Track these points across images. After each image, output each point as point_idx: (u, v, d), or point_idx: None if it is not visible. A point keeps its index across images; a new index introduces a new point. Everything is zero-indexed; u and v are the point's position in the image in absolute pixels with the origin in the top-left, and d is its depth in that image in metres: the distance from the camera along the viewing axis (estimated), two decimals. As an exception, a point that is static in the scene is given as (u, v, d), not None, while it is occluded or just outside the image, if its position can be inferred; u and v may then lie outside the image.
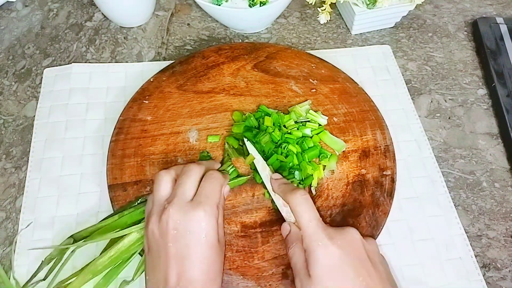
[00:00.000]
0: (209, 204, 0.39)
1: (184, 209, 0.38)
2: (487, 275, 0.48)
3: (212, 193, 0.41)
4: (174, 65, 0.58)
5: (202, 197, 0.40)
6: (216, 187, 0.42)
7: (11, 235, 0.48)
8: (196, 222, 0.38)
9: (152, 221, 0.39)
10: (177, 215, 0.38)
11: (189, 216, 0.38)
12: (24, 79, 0.61)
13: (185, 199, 0.40)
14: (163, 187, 0.42)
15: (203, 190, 0.41)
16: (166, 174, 0.42)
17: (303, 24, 0.70)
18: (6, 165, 0.53)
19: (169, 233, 0.38)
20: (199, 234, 0.38)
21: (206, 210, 0.39)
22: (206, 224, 0.38)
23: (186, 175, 0.42)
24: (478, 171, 0.55)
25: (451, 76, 0.64)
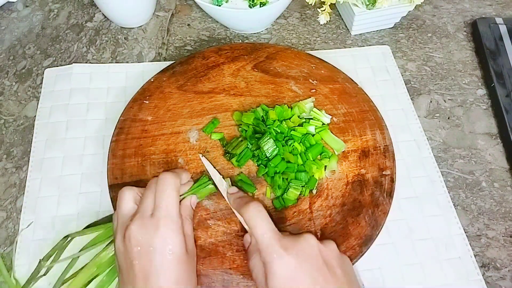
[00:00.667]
0: (169, 216, 0.38)
1: (145, 225, 0.38)
2: (487, 275, 0.48)
3: (169, 202, 0.39)
4: (174, 65, 0.58)
5: (160, 210, 0.39)
6: (170, 193, 0.40)
7: (12, 235, 0.48)
8: (159, 237, 0.37)
9: (117, 239, 0.39)
10: (139, 232, 0.37)
11: (150, 232, 0.37)
12: (25, 79, 0.61)
13: (147, 214, 0.39)
14: (124, 203, 0.41)
15: (158, 202, 0.39)
16: (127, 190, 0.41)
17: (303, 24, 0.70)
18: (7, 165, 0.53)
19: (133, 250, 0.37)
20: (162, 248, 0.37)
21: (166, 223, 0.38)
22: (170, 238, 0.38)
23: (148, 188, 0.41)
24: (478, 171, 0.55)
25: (451, 76, 0.64)
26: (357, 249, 0.45)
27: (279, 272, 0.37)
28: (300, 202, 0.48)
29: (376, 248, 0.47)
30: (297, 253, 0.37)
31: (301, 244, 0.38)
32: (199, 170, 0.50)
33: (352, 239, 0.46)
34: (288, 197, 0.47)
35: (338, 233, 0.46)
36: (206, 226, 0.46)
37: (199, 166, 0.50)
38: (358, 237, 0.46)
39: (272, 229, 0.39)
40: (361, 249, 0.45)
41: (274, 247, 0.38)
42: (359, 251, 0.45)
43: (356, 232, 0.46)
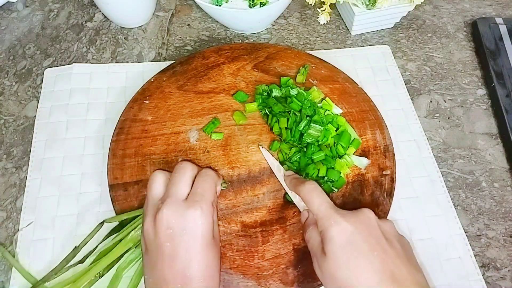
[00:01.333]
0: (205, 202, 0.39)
1: (179, 208, 0.38)
2: (487, 275, 0.48)
3: (207, 191, 0.41)
4: (174, 65, 0.58)
5: (197, 195, 0.40)
6: (211, 184, 0.42)
7: (12, 235, 0.48)
8: (192, 221, 0.38)
9: (147, 221, 0.39)
10: (172, 215, 0.38)
11: (185, 215, 0.38)
12: (25, 79, 0.61)
13: (179, 197, 0.40)
14: (157, 186, 0.42)
15: (198, 188, 0.41)
16: (160, 174, 0.42)
17: (303, 24, 0.70)
18: (7, 165, 0.53)
19: (164, 232, 0.38)
20: (195, 232, 0.38)
21: (202, 208, 0.39)
22: (202, 223, 0.38)
23: (179, 173, 0.42)
24: (478, 171, 0.55)
25: (451, 76, 0.64)
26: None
27: (336, 238, 0.37)
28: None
29: (376, 248, 0.47)
30: (355, 222, 0.38)
31: (359, 215, 0.39)
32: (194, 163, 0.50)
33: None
34: None
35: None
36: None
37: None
38: (358, 237, 0.46)
39: (328, 201, 0.40)
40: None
41: (331, 215, 0.38)
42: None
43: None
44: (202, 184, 0.41)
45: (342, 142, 0.50)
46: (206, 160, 0.50)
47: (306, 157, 0.49)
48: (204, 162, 0.50)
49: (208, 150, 0.51)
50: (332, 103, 0.54)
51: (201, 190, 0.41)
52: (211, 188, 0.42)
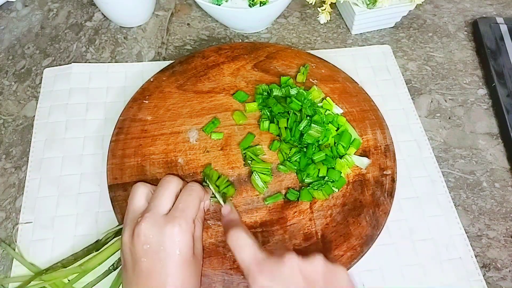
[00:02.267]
0: (184, 218, 0.38)
1: (157, 224, 0.37)
2: (487, 275, 0.48)
3: (189, 207, 0.40)
4: (174, 65, 0.58)
5: (177, 211, 0.39)
6: (194, 200, 0.41)
7: (11, 235, 0.48)
8: (169, 238, 0.37)
9: (125, 235, 0.38)
10: (150, 230, 0.37)
11: (163, 231, 0.37)
12: (24, 79, 0.61)
13: (160, 212, 0.39)
14: (137, 199, 0.41)
15: (180, 203, 0.40)
16: (141, 186, 0.42)
17: (303, 24, 0.70)
18: (6, 165, 0.53)
19: (141, 248, 0.37)
20: (172, 249, 0.37)
21: (181, 225, 0.37)
22: (180, 240, 0.37)
23: (163, 187, 0.41)
24: (478, 171, 0.55)
25: (451, 76, 0.64)
26: (358, 249, 0.45)
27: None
28: (301, 202, 0.48)
29: (377, 248, 0.46)
30: (272, 276, 0.36)
31: (279, 267, 0.37)
32: (199, 170, 0.49)
33: (353, 239, 0.45)
34: (317, 195, 0.48)
35: (338, 233, 0.46)
36: (207, 227, 0.46)
37: (199, 166, 0.50)
38: (359, 237, 0.46)
39: (251, 253, 0.38)
40: (362, 249, 0.45)
41: (250, 271, 0.37)
42: (360, 251, 0.45)
43: (357, 232, 0.46)
44: (185, 199, 0.40)
45: (343, 142, 0.50)
46: (206, 160, 0.50)
47: (307, 157, 0.49)
48: (204, 162, 0.50)
49: (208, 150, 0.51)
50: (332, 103, 0.54)
51: (183, 205, 0.39)
52: (194, 203, 0.40)
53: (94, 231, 0.48)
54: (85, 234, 0.47)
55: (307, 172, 0.48)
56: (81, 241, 0.47)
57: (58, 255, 0.46)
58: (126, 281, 0.38)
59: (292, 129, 0.50)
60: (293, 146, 0.50)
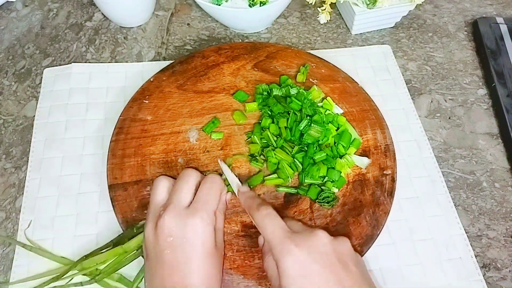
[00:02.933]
0: (206, 211, 0.39)
1: (179, 216, 0.38)
2: (487, 275, 0.47)
3: (210, 199, 0.40)
4: (174, 64, 0.58)
5: (199, 203, 0.39)
6: (214, 192, 0.41)
7: (11, 235, 0.48)
8: (192, 229, 0.38)
9: (148, 228, 0.39)
10: (173, 222, 0.38)
11: (185, 223, 0.38)
12: (24, 79, 0.61)
13: (181, 205, 0.39)
14: (160, 192, 0.41)
15: (200, 195, 0.40)
16: (164, 179, 0.42)
17: (303, 24, 0.70)
18: (6, 165, 0.53)
19: (165, 240, 0.37)
20: (195, 241, 0.37)
21: (202, 217, 0.38)
22: (203, 231, 0.38)
23: (183, 180, 0.41)
24: (478, 171, 0.55)
25: (451, 76, 0.64)
26: (358, 249, 0.45)
27: (291, 270, 0.36)
28: (301, 202, 0.48)
29: (377, 248, 0.46)
30: (309, 250, 0.36)
31: (313, 241, 0.37)
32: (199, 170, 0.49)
33: (353, 238, 0.45)
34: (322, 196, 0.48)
35: (339, 233, 0.46)
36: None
37: (199, 165, 0.50)
38: (359, 236, 0.46)
39: (282, 227, 0.39)
40: (362, 249, 0.45)
41: (284, 244, 0.37)
42: (360, 251, 0.45)
43: (357, 231, 0.46)
44: (206, 191, 0.41)
45: (343, 142, 0.50)
46: (206, 160, 0.50)
47: (308, 156, 0.49)
48: (204, 162, 0.50)
49: (208, 150, 0.51)
50: (333, 103, 0.54)
51: (204, 197, 0.40)
52: (215, 195, 0.41)
53: (94, 231, 0.48)
54: (85, 234, 0.47)
55: (310, 173, 0.48)
56: (81, 241, 0.47)
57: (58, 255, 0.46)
58: (149, 273, 0.38)
59: (292, 129, 0.50)
60: (294, 145, 0.50)
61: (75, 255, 0.46)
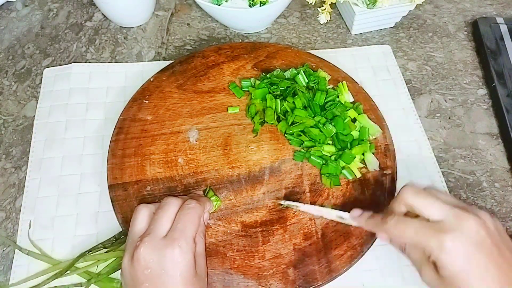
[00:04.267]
0: (184, 239, 0.37)
1: (157, 247, 0.36)
2: (488, 275, 0.47)
3: (188, 226, 0.38)
4: (174, 64, 0.58)
5: (176, 232, 0.38)
6: (193, 218, 0.39)
7: (11, 235, 0.48)
8: (171, 260, 0.36)
9: (125, 260, 0.38)
10: (150, 254, 0.36)
11: (163, 254, 0.36)
12: (24, 79, 0.61)
13: (159, 235, 0.37)
14: (139, 221, 0.40)
15: (178, 223, 0.38)
16: (143, 208, 0.41)
17: (303, 24, 0.70)
18: (6, 165, 0.53)
19: (142, 272, 0.36)
20: (174, 272, 0.36)
21: (181, 246, 0.36)
22: (181, 261, 0.36)
23: (162, 209, 0.40)
24: (478, 171, 0.55)
25: (451, 76, 0.64)
26: (358, 248, 0.45)
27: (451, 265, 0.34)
28: (301, 201, 0.48)
29: (377, 248, 0.46)
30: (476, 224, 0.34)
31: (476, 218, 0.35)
32: (199, 170, 0.49)
33: (353, 238, 0.45)
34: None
35: (339, 232, 0.46)
36: (207, 226, 0.46)
37: (199, 165, 0.50)
38: (359, 236, 0.46)
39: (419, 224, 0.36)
40: (362, 248, 0.45)
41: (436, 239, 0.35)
42: (360, 251, 0.45)
43: (357, 231, 0.46)
44: (183, 218, 0.39)
45: (363, 130, 0.52)
46: (206, 160, 0.50)
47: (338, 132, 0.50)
48: (204, 162, 0.50)
49: (208, 150, 0.51)
50: (347, 88, 0.54)
51: (181, 225, 0.38)
52: (194, 221, 0.39)
53: (94, 231, 0.48)
54: (85, 234, 0.47)
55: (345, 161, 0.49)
56: (81, 241, 0.47)
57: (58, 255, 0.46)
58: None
59: (311, 106, 0.52)
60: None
61: (75, 255, 0.46)
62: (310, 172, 0.50)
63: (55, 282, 0.43)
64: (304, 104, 0.52)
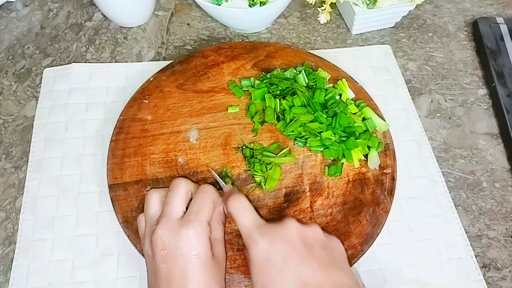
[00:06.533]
0: (198, 221, 0.38)
1: (172, 228, 0.38)
2: (487, 275, 0.47)
3: (202, 209, 0.40)
4: (174, 64, 0.58)
5: (191, 214, 0.39)
6: (207, 201, 0.40)
7: (11, 235, 0.48)
8: (186, 241, 0.37)
9: (145, 243, 0.39)
10: (165, 235, 0.37)
11: (178, 235, 0.37)
12: (24, 79, 0.61)
13: (174, 217, 0.39)
14: (152, 205, 0.41)
15: (193, 206, 0.40)
16: (154, 193, 0.42)
17: (303, 24, 0.70)
18: (6, 165, 0.53)
19: (160, 254, 0.37)
20: (190, 253, 0.37)
21: (195, 227, 0.37)
22: (197, 242, 0.37)
23: (173, 191, 0.41)
24: (478, 171, 0.55)
25: (451, 76, 0.64)
26: (358, 247, 0.45)
27: (253, 258, 0.37)
28: (301, 201, 0.48)
29: (377, 248, 0.47)
30: (272, 237, 0.38)
31: (279, 228, 0.39)
32: (199, 170, 0.49)
33: (353, 237, 0.45)
34: None
35: (339, 231, 0.46)
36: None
37: (199, 165, 0.50)
38: (359, 235, 0.46)
39: (252, 219, 0.40)
40: (362, 247, 0.45)
41: (251, 235, 0.38)
42: (360, 250, 0.45)
43: (357, 230, 0.46)
44: (198, 201, 0.40)
45: (369, 121, 0.52)
46: (206, 160, 0.50)
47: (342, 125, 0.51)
48: (204, 161, 0.50)
49: (208, 149, 0.51)
50: (347, 85, 0.54)
51: (196, 208, 0.40)
52: (207, 205, 0.40)
53: (94, 231, 0.48)
54: (85, 234, 0.47)
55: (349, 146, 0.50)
56: (81, 241, 0.47)
57: (58, 255, 0.46)
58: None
59: (310, 104, 0.52)
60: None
61: (75, 255, 0.46)
62: (310, 172, 0.50)
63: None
64: (304, 103, 0.52)
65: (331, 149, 0.50)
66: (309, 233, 0.39)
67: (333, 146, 0.50)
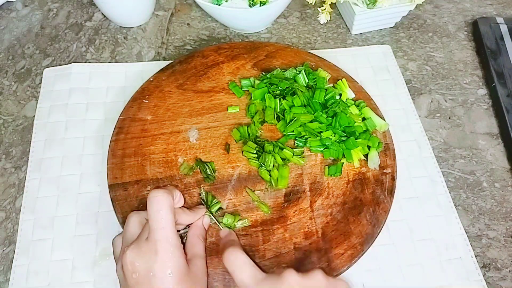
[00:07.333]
0: (165, 238, 0.36)
1: (141, 251, 0.36)
2: (487, 275, 0.47)
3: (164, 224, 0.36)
4: (174, 64, 0.58)
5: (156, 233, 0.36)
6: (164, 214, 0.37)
7: (11, 235, 0.48)
8: (158, 263, 0.35)
9: (117, 266, 0.38)
10: (135, 258, 0.35)
11: (148, 257, 0.35)
12: (24, 79, 0.61)
13: (143, 238, 0.37)
14: (129, 228, 0.39)
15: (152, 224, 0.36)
16: (134, 215, 0.40)
17: (303, 24, 0.70)
18: (6, 165, 0.53)
19: (131, 277, 0.35)
20: (163, 272, 0.35)
21: (164, 247, 0.35)
22: (170, 261, 0.35)
23: (152, 210, 0.38)
24: (478, 171, 0.55)
25: (451, 76, 0.64)
26: (358, 247, 0.45)
27: None
28: (301, 201, 0.48)
29: (377, 248, 0.46)
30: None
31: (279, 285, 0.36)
32: (199, 170, 0.50)
33: (353, 237, 0.45)
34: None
35: (339, 231, 0.46)
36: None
37: (199, 165, 0.50)
38: (359, 235, 0.46)
39: (249, 275, 0.37)
40: (362, 247, 0.45)
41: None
42: (360, 250, 0.45)
43: (357, 230, 0.46)
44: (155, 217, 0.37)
45: (369, 122, 0.52)
46: (206, 159, 0.50)
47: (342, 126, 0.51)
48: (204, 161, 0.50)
49: (208, 149, 0.51)
50: (347, 85, 0.54)
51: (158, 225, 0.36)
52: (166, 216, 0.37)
53: (94, 231, 0.48)
54: (85, 234, 0.47)
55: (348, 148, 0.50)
56: (81, 241, 0.47)
57: (58, 255, 0.46)
58: None
59: (310, 104, 0.52)
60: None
61: (75, 255, 0.46)
62: (310, 171, 0.50)
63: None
64: (304, 103, 0.52)
65: (331, 149, 0.50)
66: (310, 284, 0.36)
67: (333, 146, 0.50)
